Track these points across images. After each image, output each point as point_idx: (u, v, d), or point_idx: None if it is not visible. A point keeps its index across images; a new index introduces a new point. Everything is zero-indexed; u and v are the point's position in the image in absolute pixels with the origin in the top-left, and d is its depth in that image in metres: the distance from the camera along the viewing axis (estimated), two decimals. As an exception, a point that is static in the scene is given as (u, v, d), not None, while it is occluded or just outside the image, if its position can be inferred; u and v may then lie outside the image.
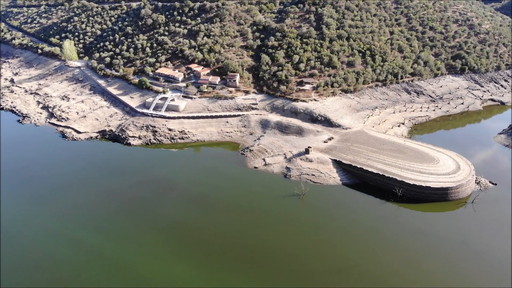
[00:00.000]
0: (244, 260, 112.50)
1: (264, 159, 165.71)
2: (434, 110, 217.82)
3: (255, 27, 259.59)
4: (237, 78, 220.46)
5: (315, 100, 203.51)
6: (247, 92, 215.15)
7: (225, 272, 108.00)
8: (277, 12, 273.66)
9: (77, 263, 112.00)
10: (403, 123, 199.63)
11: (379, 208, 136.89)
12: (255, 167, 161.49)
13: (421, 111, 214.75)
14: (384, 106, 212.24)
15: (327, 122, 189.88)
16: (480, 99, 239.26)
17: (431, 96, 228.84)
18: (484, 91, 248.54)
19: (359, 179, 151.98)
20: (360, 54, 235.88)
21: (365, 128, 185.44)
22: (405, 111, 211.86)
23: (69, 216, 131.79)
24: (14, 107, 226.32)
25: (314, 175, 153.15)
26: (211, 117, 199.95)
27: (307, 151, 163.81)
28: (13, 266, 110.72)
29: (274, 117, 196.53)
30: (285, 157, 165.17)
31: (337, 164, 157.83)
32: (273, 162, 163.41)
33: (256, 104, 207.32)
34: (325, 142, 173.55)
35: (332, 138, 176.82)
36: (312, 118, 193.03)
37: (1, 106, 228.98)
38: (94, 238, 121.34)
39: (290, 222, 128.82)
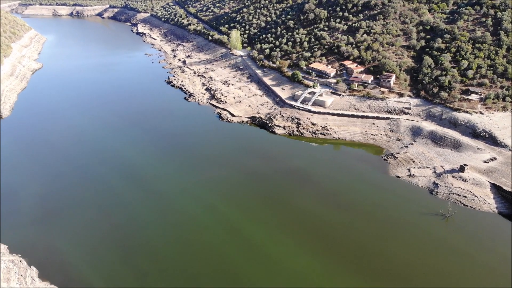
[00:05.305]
0: (372, 271, 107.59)
1: (409, 169, 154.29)
2: None
3: (421, 27, 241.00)
4: (392, 78, 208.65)
5: (480, 112, 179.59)
6: (401, 95, 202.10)
7: (347, 276, 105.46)
8: (448, 13, 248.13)
9: (211, 229, 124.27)
10: None
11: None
12: (398, 176, 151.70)
13: None
14: None
15: (491, 140, 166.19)
16: None
17: None
18: None
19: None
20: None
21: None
22: None
23: (214, 188, 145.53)
24: (183, 86, 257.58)
25: (465, 197, 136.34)
26: (357, 116, 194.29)
27: (462, 168, 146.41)
28: (154, 220, 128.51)
29: (428, 125, 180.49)
30: (434, 171, 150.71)
31: (496, 189, 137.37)
32: (419, 174, 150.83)
33: (410, 108, 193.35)
34: (485, 162, 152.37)
35: (495, 158, 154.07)
36: (474, 132, 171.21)
37: (173, 84, 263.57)
38: (231, 211, 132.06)
39: (428, 242, 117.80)
